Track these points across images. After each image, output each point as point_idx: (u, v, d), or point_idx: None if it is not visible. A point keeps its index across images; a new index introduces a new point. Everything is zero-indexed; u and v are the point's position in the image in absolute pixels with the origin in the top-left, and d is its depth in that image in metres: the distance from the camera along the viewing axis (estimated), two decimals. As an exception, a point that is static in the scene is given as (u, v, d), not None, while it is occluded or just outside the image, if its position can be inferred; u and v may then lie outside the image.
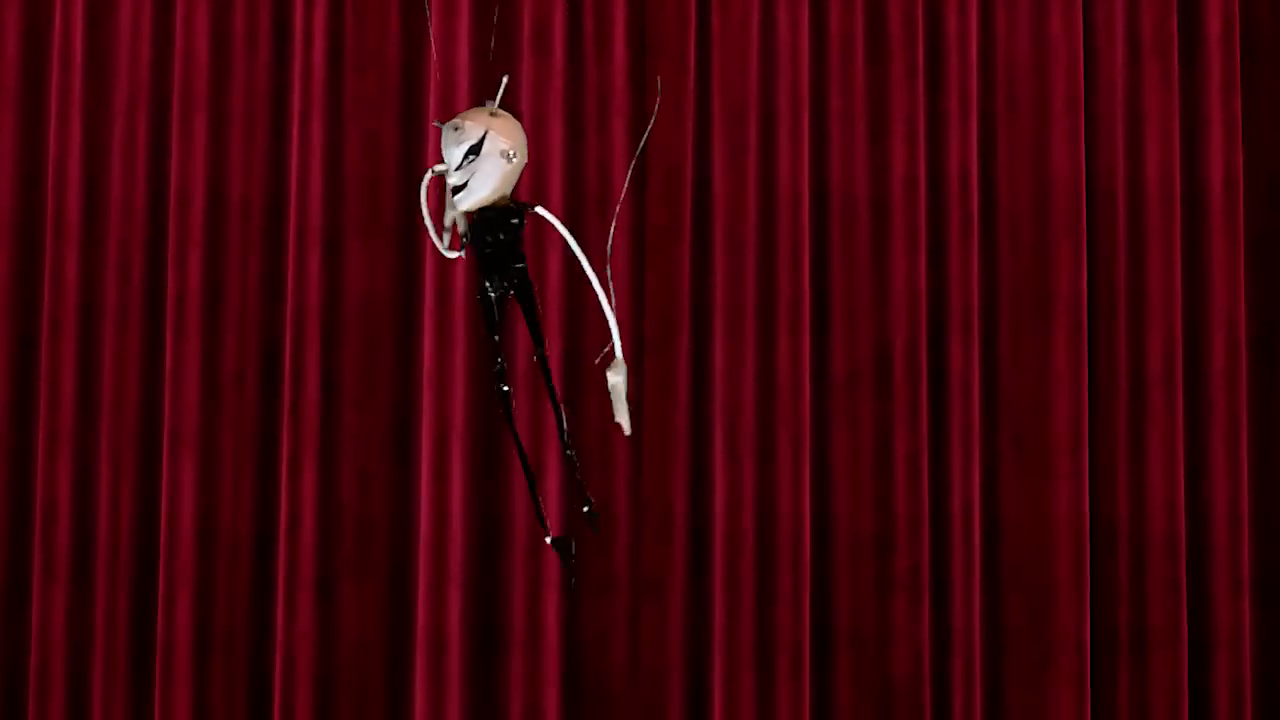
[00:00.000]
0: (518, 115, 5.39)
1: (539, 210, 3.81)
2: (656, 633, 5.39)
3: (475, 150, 3.73)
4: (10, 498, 5.45)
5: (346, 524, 5.42)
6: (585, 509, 3.90)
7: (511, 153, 3.75)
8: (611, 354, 3.83)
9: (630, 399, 3.85)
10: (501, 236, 3.76)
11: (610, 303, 3.81)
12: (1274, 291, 5.55)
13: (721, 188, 5.48)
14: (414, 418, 5.45)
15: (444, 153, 3.74)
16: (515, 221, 3.78)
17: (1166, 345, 5.46)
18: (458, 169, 3.72)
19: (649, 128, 4.34)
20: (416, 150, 5.48)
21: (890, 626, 5.39)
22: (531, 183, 5.36)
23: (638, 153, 4.54)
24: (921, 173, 5.48)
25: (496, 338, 3.81)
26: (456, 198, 3.74)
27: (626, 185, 4.58)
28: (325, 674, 5.38)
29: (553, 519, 5.30)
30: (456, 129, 3.72)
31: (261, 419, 5.45)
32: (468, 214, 3.80)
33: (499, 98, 3.85)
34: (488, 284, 3.78)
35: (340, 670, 5.39)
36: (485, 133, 3.74)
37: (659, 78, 3.91)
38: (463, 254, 3.88)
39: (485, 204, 3.75)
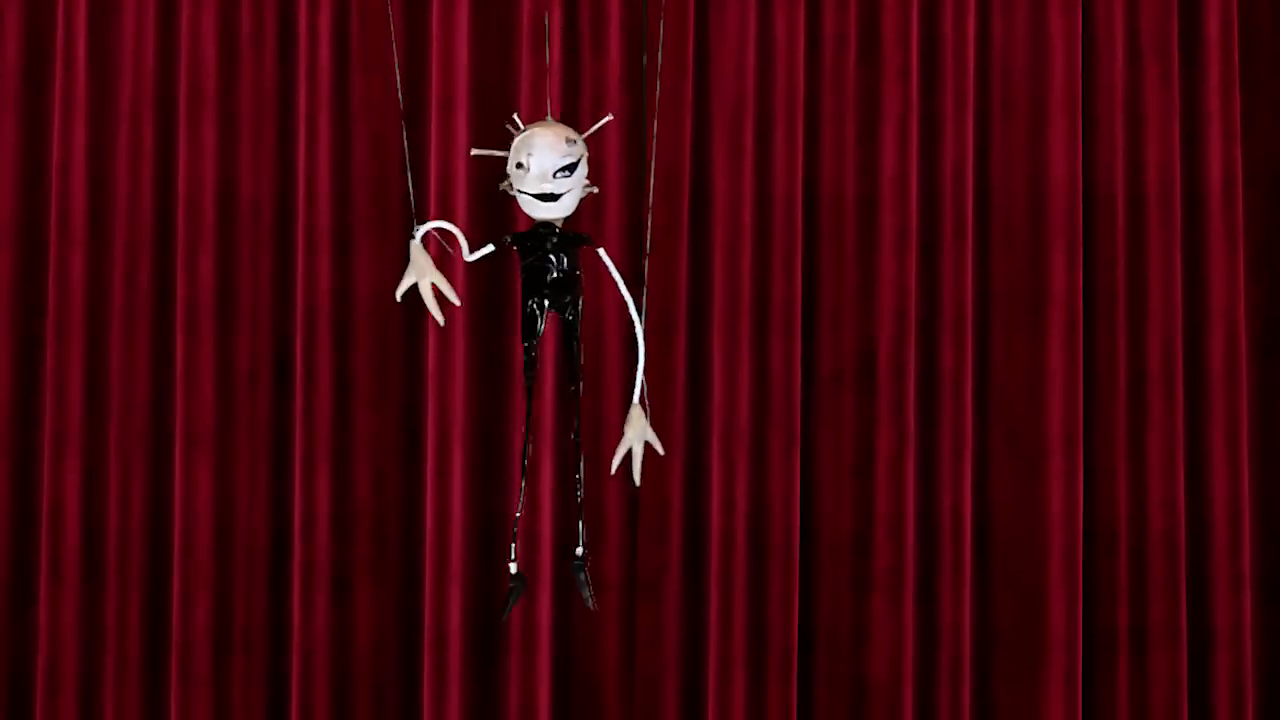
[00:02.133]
0: (518, 113, 5.45)
1: (600, 251, 3.87)
2: (652, 633, 5.40)
3: (570, 169, 3.76)
4: (18, 501, 5.47)
5: (361, 523, 5.46)
6: (578, 554, 3.97)
7: (594, 187, 3.83)
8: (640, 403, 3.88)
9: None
10: (565, 262, 3.81)
11: (643, 349, 3.87)
12: (1273, 290, 5.56)
13: (720, 188, 5.49)
14: (421, 416, 5.48)
15: (533, 152, 3.76)
16: (578, 249, 3.84)
17: (1166, 344, 5.47)
18: (553, 177, 3.74)
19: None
20: (422, 150, 5.48)
21: (881, 626, 5.40)
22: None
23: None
24: (914, 172, 5.48)
25: (532, 353, 3.88)
26: (543, 205, 3.76)
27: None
28: (342, 672, 5.43)
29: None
30: (570, 141, 3.77)
31: (275, 419, 5.48)
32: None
33: (591, 131, 3.90)
34: (533, 301, 3.83)
35: (357, 668, 5.43)
36: (583, 157, 3.80)
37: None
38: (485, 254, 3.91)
39: (557, 221, 3.80)
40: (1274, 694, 5.50)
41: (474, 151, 3.91)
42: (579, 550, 3.97)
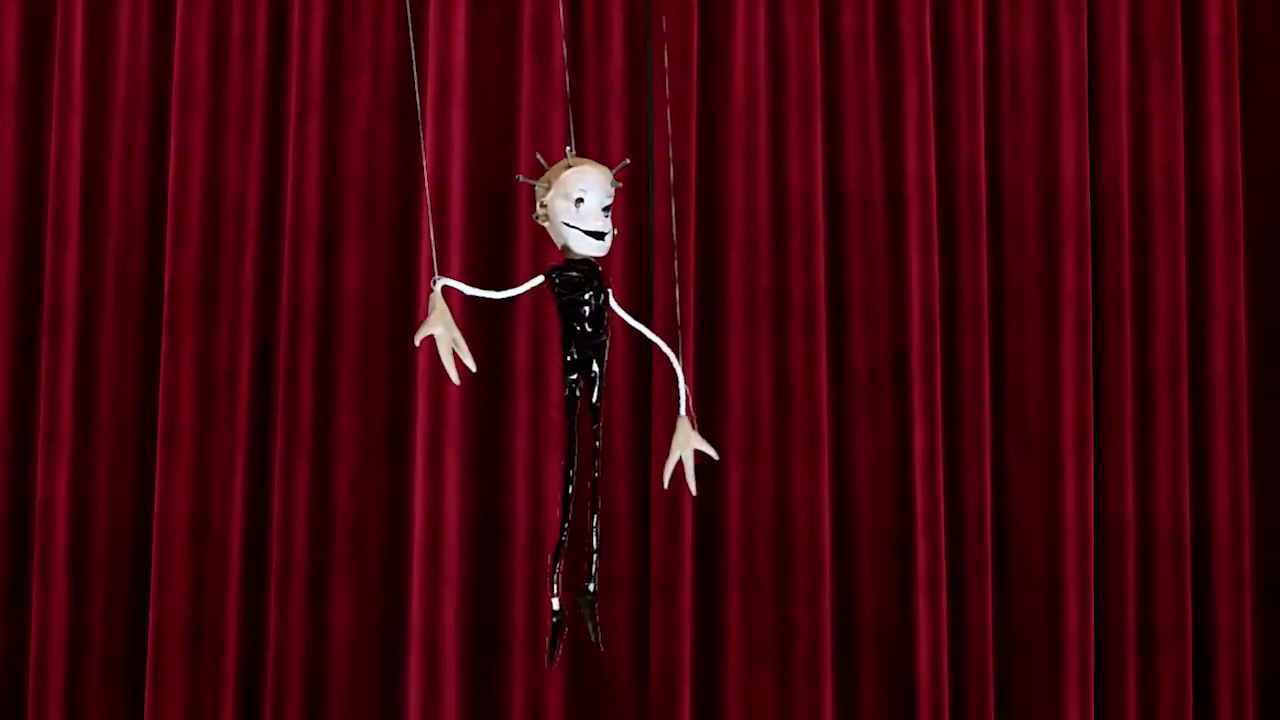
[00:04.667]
0: (518, 112, 5.46)
1: (608, 293, 3.77)
2: (667, 631, 5.38)
3: (607, 210, 3.68)
4: (8, 496, 5.44)
5: (339, 523, 5.41)
6: (589, 589, 3.85)
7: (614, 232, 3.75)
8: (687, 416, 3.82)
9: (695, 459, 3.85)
10: (602, 300, 3.71)
11: (680, 370, 3.82)
12: (1274, 291, 5.57)
13: (735, 187, 5.48)
14: (409, 417, 5.43)
15: (588, 189, 3.66)
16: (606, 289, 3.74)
17: (1171, 344, 5.48)
18: (602, 214, 3.67)
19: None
20: (412, 151, 5.46)
21: (911, 624, 5.39)
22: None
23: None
24: (932, 171, 5.49)
25: (575, 389, 3.75)
26: (595, 242, 3.66)
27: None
28: (316, 673, 5.37)
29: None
30: (615, 185, 3.69)
31: (255, 417, 5.44)
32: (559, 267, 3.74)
33: (616, 170, 3.80)
34: (573, 339, 3.71)
35: (332, 669, 5.38)
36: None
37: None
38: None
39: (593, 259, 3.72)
40: (1274, 693, 5.53)
41: (521, 179, 3.84)
42: (590, 586, 3.83)
